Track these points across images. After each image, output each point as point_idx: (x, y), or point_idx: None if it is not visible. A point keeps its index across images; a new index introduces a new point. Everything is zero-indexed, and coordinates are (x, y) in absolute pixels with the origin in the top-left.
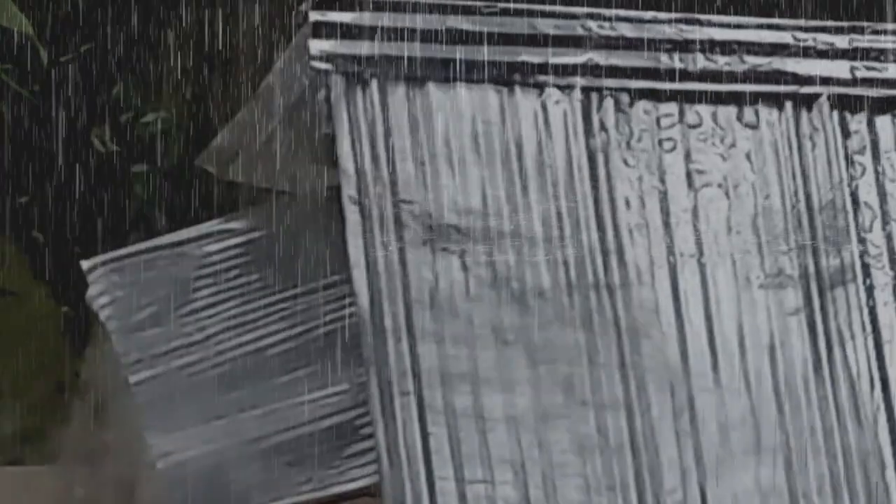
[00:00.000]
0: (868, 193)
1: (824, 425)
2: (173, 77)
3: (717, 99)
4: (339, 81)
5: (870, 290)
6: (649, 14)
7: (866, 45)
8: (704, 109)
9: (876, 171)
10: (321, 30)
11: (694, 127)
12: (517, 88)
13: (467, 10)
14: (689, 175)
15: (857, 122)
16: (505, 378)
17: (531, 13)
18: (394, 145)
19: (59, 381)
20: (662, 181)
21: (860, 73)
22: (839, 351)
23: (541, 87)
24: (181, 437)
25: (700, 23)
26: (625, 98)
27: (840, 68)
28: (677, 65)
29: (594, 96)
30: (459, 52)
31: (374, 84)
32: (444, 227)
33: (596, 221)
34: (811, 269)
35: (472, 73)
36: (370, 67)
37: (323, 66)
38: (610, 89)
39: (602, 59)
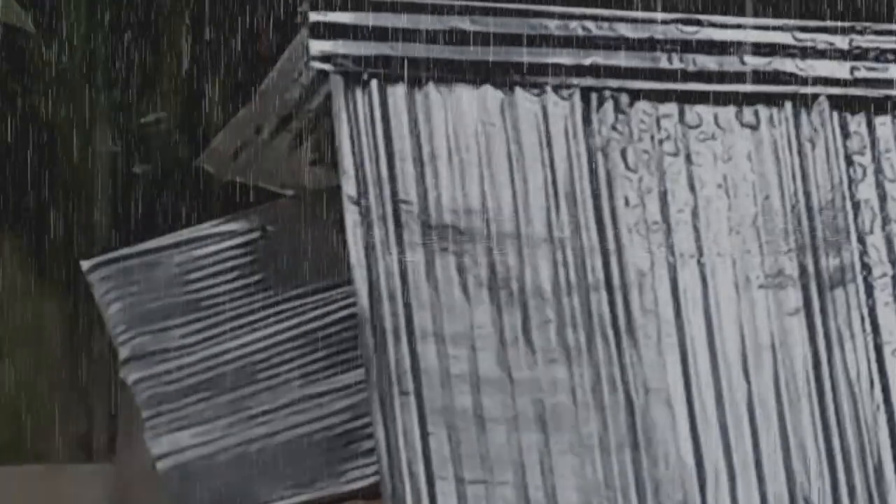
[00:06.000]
0: (868, 194)
1: (824, 425)
2: (173, 77)
3: (717, 99)
4: (339, 81)
5: (869, 290)
6: (649, 14)
7: (866, 45)
8: (704, 110)
9: (876, 172)
10: (321, 30)
11: (694, 127)
12: (517, 88)
13: (467, 10)
14: (689, 175)
15: (857, 123)
16: (505, 378)
17: (531, 13)
18: (394, 145)
19: (60, 380)
20: (662, 181)
21: (860, 73)
22: (839, 351)
23: (541, 87)
24: (181, 437)
25: (700, 23)
26: (625, 98)
27: (840, 68)
28: (677, 65)
29: (594, 97)
30: (459, 52)
31: (374, 84)
32: (443, 227)
33: (596, 221)
34: (811, 269)
35: (472, 73)
36: (370, 67)
37: (323, 66)
38: (610, 89)
39: (602, 60)
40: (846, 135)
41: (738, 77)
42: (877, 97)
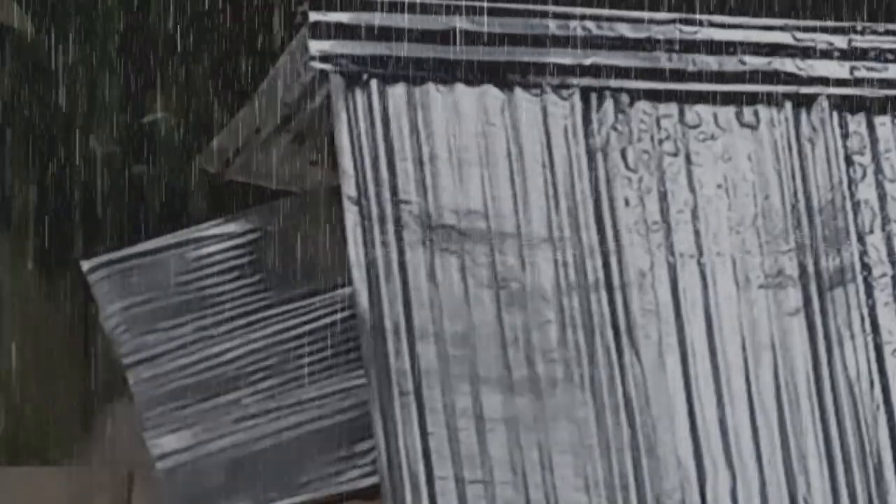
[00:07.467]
0: (868, 194)
1: (824, 425)
2: (174, 77)
3: (717, 99)
4: (339, 81)
5: (869, 290)
6: (649, 14)
7: (866, 45)
8: (704, 109)
9: (876, 172)
10: (321, 30)
11: (694, 127)
12: (517, 88)
13: (467, 10)
14: (688, 175)
15: (857, 123)
16: (505, 378)
17: (531, 13)
18: (394, 145)
19: (60, 380)
20: (662, 181)
21: (860, 73)
22: (839, 351)
23: (540, 87)
24: (181, 437)
25: (700, 23)
26: (625, 98)
27: (840, 68)
28: (677, 65)
29: (594, 96)
30: (459, 53)
31: (373, 84)
32: (443, 227)
33: (596, 221)
34: (811, 269)
35: (472, 73)
36: (370, 67)
37: (323, 66)
38: (610, 89)
39: (602, 60)
40: (846, 135)
41: (738, 77)
42: (877, 97)
